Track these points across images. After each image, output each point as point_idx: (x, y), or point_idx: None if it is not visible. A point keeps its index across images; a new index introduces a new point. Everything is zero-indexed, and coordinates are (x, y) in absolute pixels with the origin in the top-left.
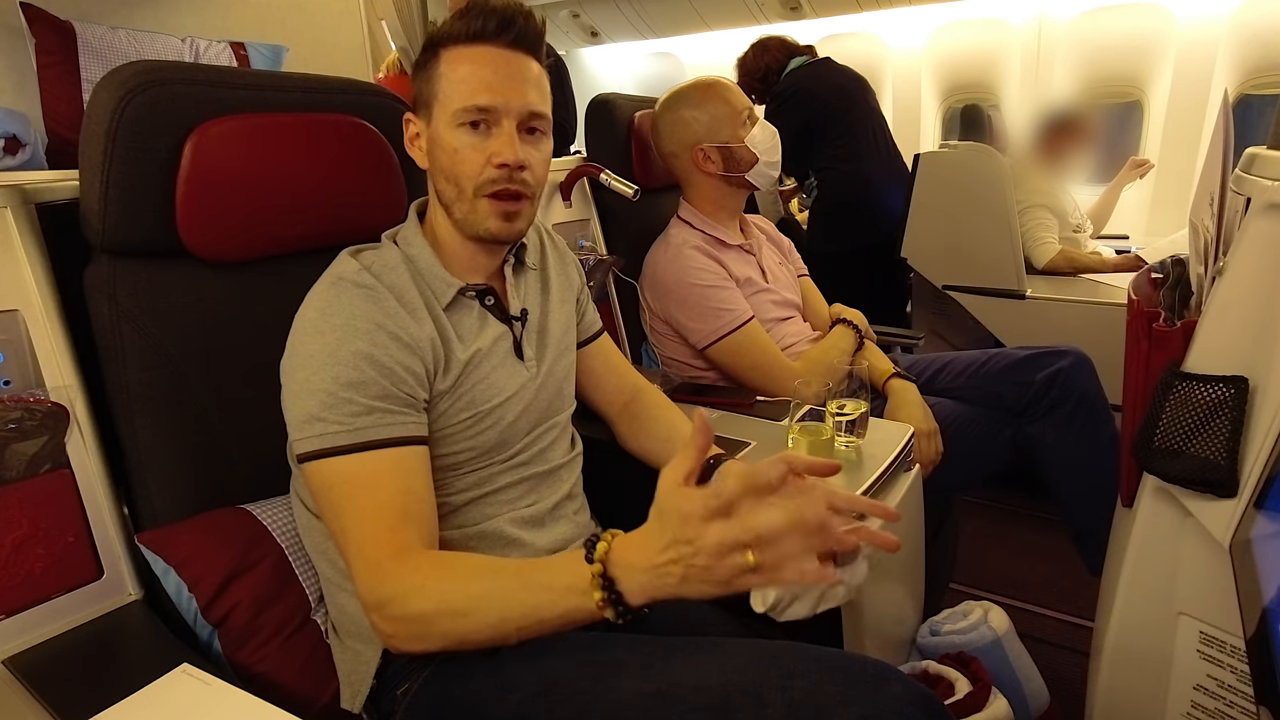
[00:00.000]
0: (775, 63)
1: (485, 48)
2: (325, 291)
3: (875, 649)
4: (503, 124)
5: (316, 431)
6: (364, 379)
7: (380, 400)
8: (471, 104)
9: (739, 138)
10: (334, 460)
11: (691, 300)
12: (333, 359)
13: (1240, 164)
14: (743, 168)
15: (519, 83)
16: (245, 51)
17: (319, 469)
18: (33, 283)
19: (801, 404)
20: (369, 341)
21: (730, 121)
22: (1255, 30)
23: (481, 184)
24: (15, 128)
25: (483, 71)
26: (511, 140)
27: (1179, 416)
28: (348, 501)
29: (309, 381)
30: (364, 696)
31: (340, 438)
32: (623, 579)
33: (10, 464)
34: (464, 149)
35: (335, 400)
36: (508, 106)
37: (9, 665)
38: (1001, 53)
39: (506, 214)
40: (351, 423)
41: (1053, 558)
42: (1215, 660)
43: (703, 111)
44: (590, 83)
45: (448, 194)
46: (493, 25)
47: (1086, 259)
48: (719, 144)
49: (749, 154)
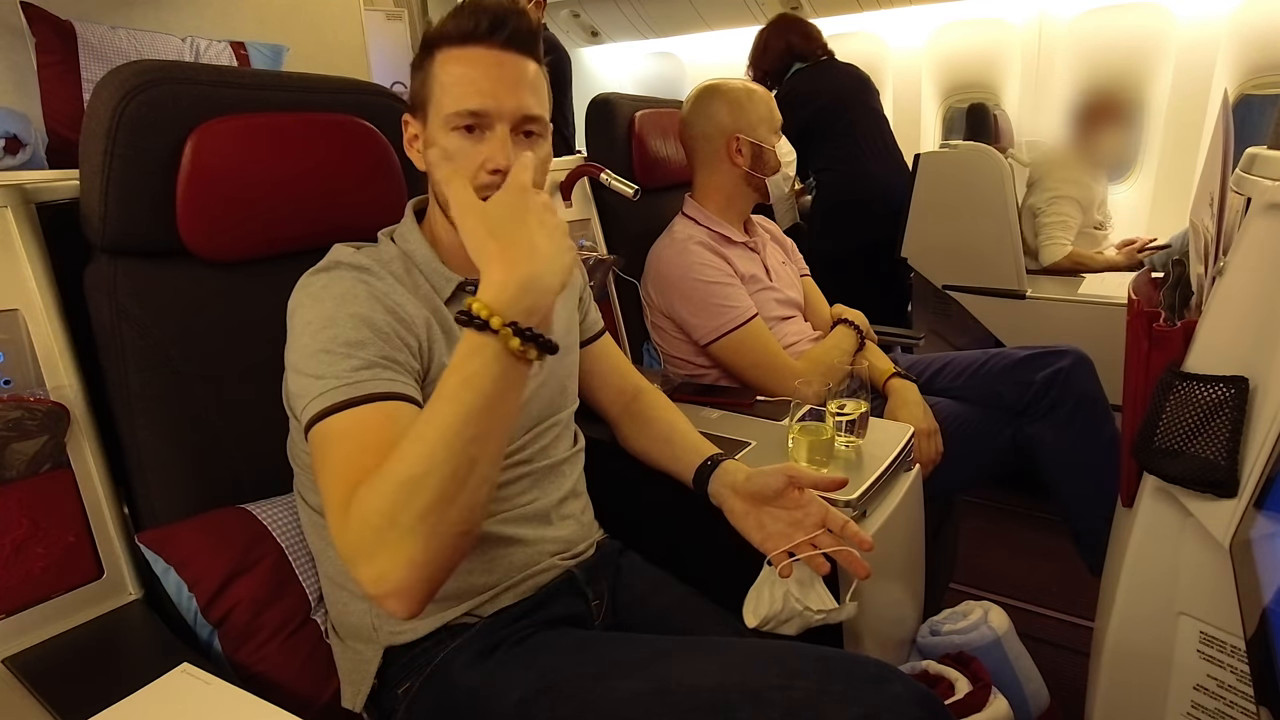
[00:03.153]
0: (775, 68)
1: (478, 49)
2: (321, 274)
3: (875, 649)
4: (495, 128)
5: (317, 391)
6: (362, 338)
7: (379, 358)
8: (463, 108)
9: (771, 142)
10: (330, 419)
11: (696, 296)
12: (331, 321)
13: (1240, 164)
14: (766, 171)
15: (512, 85)
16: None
17: (318, 432)
18: (33, 282)
19: (802, 404)
20: (368, 307)
21: (768, 124)
22: (1255, 30)
23: (475, 189)
24: (15, 127)
25: (474, 74)
26: (504, 145)
27: (1179, 416)
28: (330, 454)
29: (308, 346)
30: (365, 695)
31: (339, 392)
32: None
33: (10, 464)
34: (456, 153)
35: (333, 358)
36: (500, 110)
37: (9, 665)
38: (1002, 53)
39: None
40: (350, 376)
41: (1053, 558)
42: (1215, 660)
43: (748, 106)
44: (590, 83)
45: (442, 196)
46: (484, 26)
47: (1093, 262)
48: (755, 140)
49: (775, 160)
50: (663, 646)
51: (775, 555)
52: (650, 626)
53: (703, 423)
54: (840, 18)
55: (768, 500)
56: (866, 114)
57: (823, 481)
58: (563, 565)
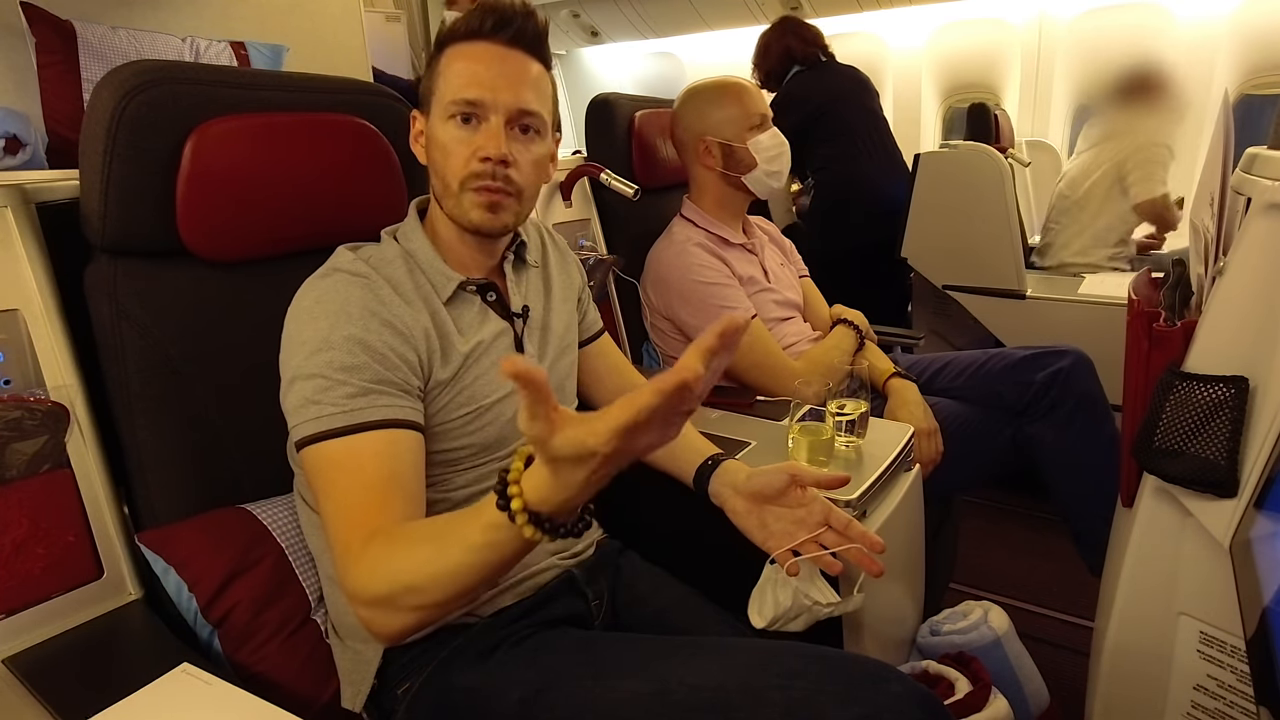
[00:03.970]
0: (775, 69)
1: (483, 44)
2: (319, 281)
3: (875, 649)
4: (490, 119)
5: (312, 415)
6: (357, 363)
7: (374, 383)
8: (460, 97)
9: (743, 139)
10: (326, 444)
11: (694, 297)
12: (326, 344)
13: (1240, 164)
14: (740, 169)
15: (511, 79)
16: (245, 51)
17: (312, 454)
18: (33, 282)
19: (802, 404)
20: (362, 327)
21: (738, 122)
22: (1255, 30)
23: (466, 177)
24: (15, 127)
25: (475, 67)
26: (497, 135)
27: (1179, 416)
28: (331, 486)
29: (302, 367)
30: (365, 695)
31: (335, 419)
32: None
33: (10, 463)
34: (450, 142)
35: (330, 383)
36: (496, 102)
37: (9, 665)
38: (1002, 53)
39: (490, 205)
40: (346, 404)
41: (1053, 558)
42: (1215, 660)
43: (715, 106)
44: (590, 83)
45: (438, 187)
46: (490, 23)
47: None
48: (722, 140)
49: (749, 157)
50: (662, 647)
51: (780, 554)
52: (650, 626)
53: (703, 423)
54: (840, 18)
55: (770, 499)
56: (863, 115)
57: (825, 479)
58: (562, 565)
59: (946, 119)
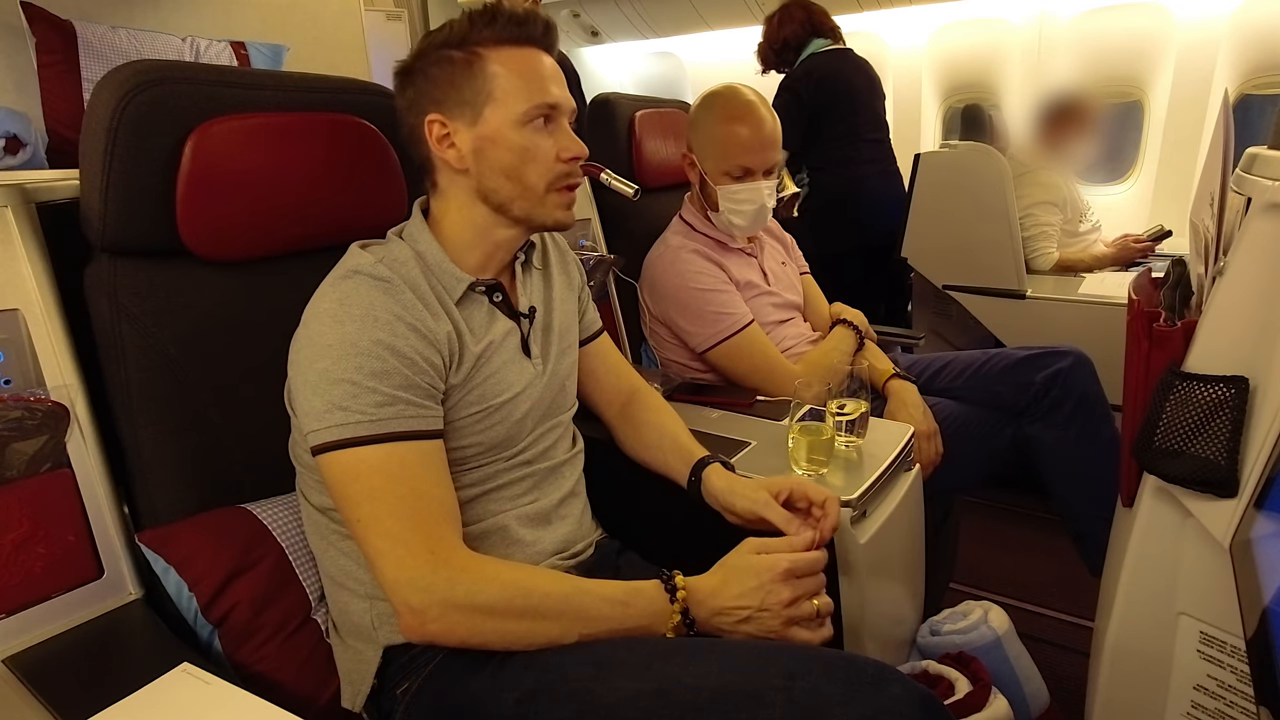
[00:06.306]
0: (794, 38)
1: (532, 49)
2: (341, 283)
3: (875, 649)
4: (560, 121)
5: (338, 421)
6: (387, 368)
7: (404, 390)
8: (543, 101)
9: (717, 179)
10: (358, 450)
11: (690, 304)
12: (354, 349)
13: (1240, 164)
14: (709, 201)
15: (559, 82)
16: (245, 51)
17: (339, 459)
18: (33, 282)
19: (801, 404)
20: (390, 332)
21: (719, 158)
22: (1255, 30)
23: (554, 179)
24: (16, 127)
25: (543, 71)
26: (573, 135)
27: (1179, 416)
28: (378, 491)
29: (329, 371)
30: (364, 696)
31: (364, 427)
32: (694, 610)
33: (10, 463)
34: (533, 147)
35: (359, 389)
36: (563, 103)
37: (9, 665)
38: (1002, 52)
39: (570, 204)
40: (376, 413)
41: (1053, 558)
42: (1215, 660)
43: (712, 129)
44: (590, 83)
45: (505, 192)
46: (539, 30)
47: (1080, 262)
48: (701, 169)
49: (714, 199)
50: (662, 647)
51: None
52: None
53: (703, 423)
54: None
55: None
56: (869, 117)
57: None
58: (561, 565)
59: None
